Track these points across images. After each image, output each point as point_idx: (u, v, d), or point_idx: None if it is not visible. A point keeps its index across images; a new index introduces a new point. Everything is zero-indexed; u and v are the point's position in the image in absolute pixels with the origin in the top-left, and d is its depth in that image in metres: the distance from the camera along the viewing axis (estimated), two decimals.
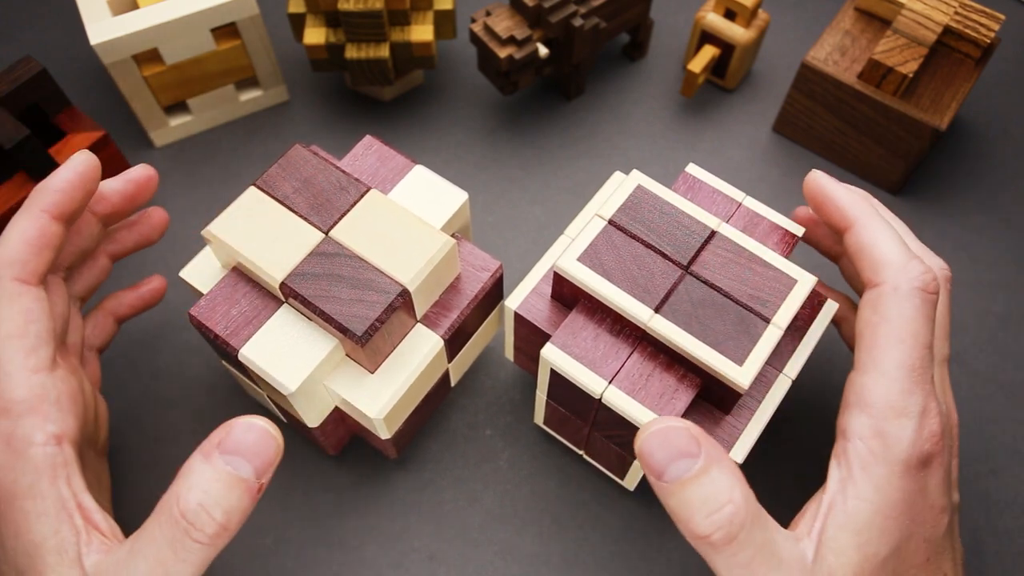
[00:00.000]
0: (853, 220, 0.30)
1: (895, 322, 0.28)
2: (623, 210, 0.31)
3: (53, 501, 0.26)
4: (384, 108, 0.50)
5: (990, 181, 0.48)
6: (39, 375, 0.28)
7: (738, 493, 0.25)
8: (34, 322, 0.29)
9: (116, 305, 0.37)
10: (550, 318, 0.33)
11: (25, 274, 0.29)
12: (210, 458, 0.25)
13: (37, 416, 0.27)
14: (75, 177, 0.30)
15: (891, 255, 0.29)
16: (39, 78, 0.40)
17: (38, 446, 0.27)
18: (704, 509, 0.24)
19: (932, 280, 0.28)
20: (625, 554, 0.37)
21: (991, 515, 0.38)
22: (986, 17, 0.44)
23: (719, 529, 0.24)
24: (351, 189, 0.32)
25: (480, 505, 0.38)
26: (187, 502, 0.25)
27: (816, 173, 0.32)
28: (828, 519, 0.26)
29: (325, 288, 0.30)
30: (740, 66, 0.49)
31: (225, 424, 0.26)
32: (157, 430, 0.40)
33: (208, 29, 0.43)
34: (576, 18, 0.44)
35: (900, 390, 0.27)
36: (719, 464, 0.25)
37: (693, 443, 0.25)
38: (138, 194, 0.34)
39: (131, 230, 0.36)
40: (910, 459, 0.26)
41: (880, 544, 0.26)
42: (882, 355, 0.27)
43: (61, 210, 0.30)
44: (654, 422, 0.26)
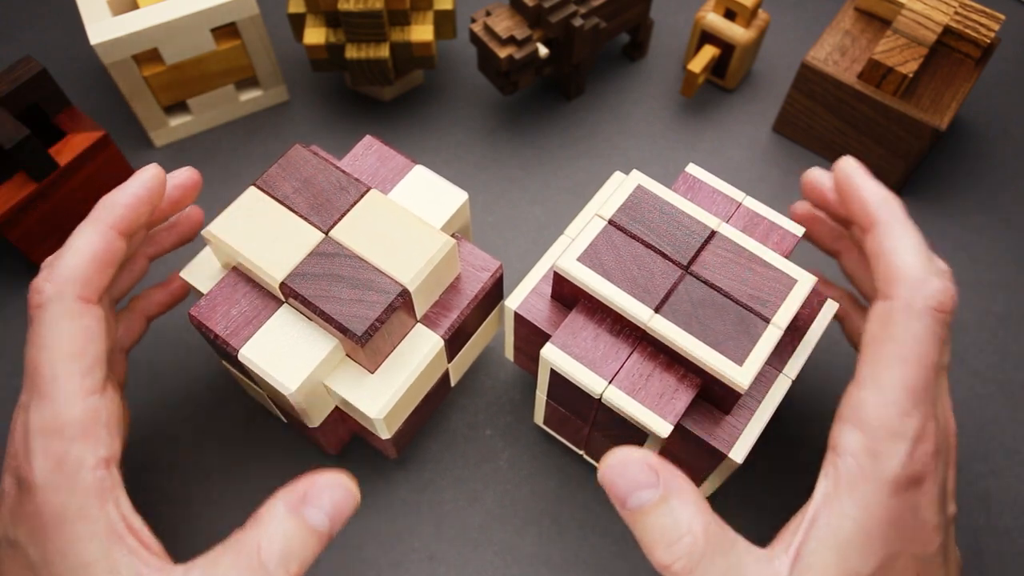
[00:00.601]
0: (877, 220, 0.29)
1: (901, 340, 0.26)
2: (623, 210, 0.31)
3: (104, 524, 0.26)
4: (384, 108, 0.50)
5: (990, 181, 0.48)
6: (93, 397, 0.27)
7: (697, 524, 0.25)
8: (92, 342, 0.28)
9: (147, 305, 0.36)
10: (550, 318, 0.33)
11: (88, 292, 0.28)
12: (295, 511, 0.26)
13: (89, 440, 0.27)
14: (145, 193, 0.30)
15: (909, 268, 0.27)
16: (39, 78, 0.40)
17: (88, 470, 0.27)
18: (663, 539, 0.25)
19: (949, 299, 0.27)
20: (625, 554, 0.37)
21: (991, 515, 0.38)
22: (986, 17, 0.44)
23: (678, 560, 0.25)
24: (351, 189, 0.32)
25: (480, 505, 0.38)
26: (271, 553, 0.25)
27: (848, 161, 0.30)
28: (809, 534, 0.26)
29: (325, 288, 0.30)
30: (740, 66, 0.49)
31: (311, 476, 0.27)
32: (157, 430, 0.40)
33: (208, 29, 0.43)
34: (576, 18, 0.44)
35: (898, 411, 0.26)
36: (678, 494, 0.25)
37: (651, 474, 0.25)
38: (184, 199, 0.33)
39: (171, 231, 0.35)
40: (899, 479, 0.26)
41: (862, 562, 0.25)
42: (884, 373, 0.26)
43: (128, 226, 0.30)
44: (612, 453, 0.26)
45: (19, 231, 0.41)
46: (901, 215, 0.29)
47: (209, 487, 0.38)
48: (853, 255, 0.35)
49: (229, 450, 0.39)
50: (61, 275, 0.28)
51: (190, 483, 0.39)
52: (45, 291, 0.28)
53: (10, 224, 0.40)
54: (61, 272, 0.28)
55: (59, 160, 0.41)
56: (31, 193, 0.40)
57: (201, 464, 0.39)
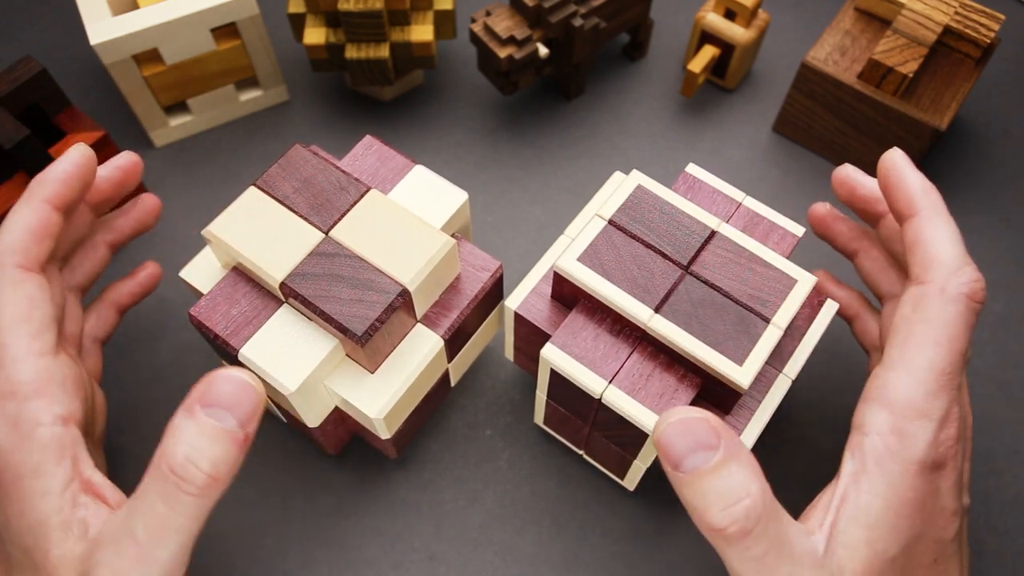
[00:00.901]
0: (919, 210, 0.29)
1: (935, 323, 0.27)
2: (623, 210, 0.31)
3: (59, 479, 0.27)
4: (384, 108, 0.50)
5: (990, 181, 0.48)
6: (44, 358, 0.28)
7: (755, 487, 0.24)
8: (37, 307, 0.29)
9: (116, 295, 0.37)
10: (550, 318, 0.33)
11: (28, 261, 0.30)
12: (192, 413, 0.25)
13: (43, 398, 0.28)
14: (74, 169, 0.31)
15: (947, 255, 0.28)
16: (39, 78, 0.40)
17: (45, 426, 0.27)
18: (721, 502, 0.24)
19: (981, 289, 0.28)
20: (625, 554, 0.37)
21: (991, 515, 0.38)
22: (986, 17, 0.44)
23: (735, 522, 0.24)
24: (351, 189, 0.32)
25: (480, 505, 0.38)
26: (174, 456, 0.25)
27: (896, 152, 0.31)
28: (840, 512, 0.26)
29: (325, 288, 0.30)
30: (740, 66, 0.49)
31: (204, 378, 0.26)
32: (157, 430, 0.40)
33: (208, 29, 0.43)
34: (576, 18, 0.44)
35: (926, 392, 0.26)
36: (738, 457, 0.25)
37: (713, 435, 0.25)
38: (125, 180, 0.35)
39: (127, 217, 0.36)
40: (924, 460, 0.26)
41: (890, 541, 0.26)
42: (914, 354, 0.27)
43: (62, 200, 0.31)
44: (674, 411, 0.25)
45: None
46: (942, 207, 0.29)
47: None
48: (872, 255, 0.35)
49: None
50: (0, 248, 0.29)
51: None
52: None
53: None
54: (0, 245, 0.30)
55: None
56: None
57: None
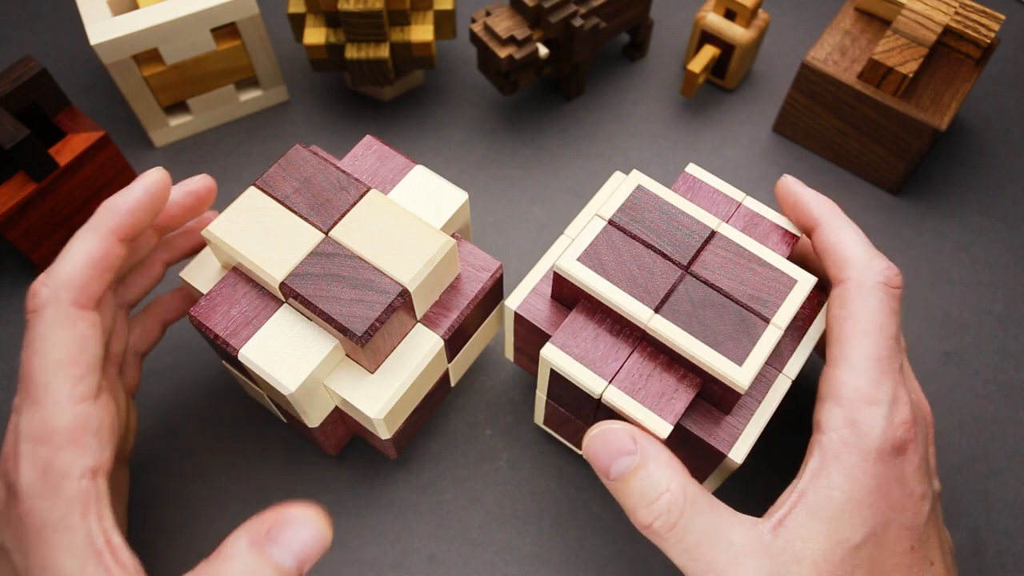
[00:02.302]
0: (819, 220, 0.32)
1: (861, 315, 0.29)
2: (623, 210, 0.31)
3: (83, 537, 0.26)
4: (384, 108, 0.50)
5: (990, 181, 0.48)
6: (84, 404, 0.27)
7: (675, 483, 0.26)
8: (87, 350, 0.28)
9: (163, 311, 0.36)
10: (550, 318, 0.33)
11: (84, 298, 0.28)
12: (258, 547, 0.25)
13: (76, 448, 0.27)
14: (147, 199, 0.30)
15: (855, 252, 0.30)
16: (39, 78, 0.40)
17: (73, 480, 0.26)
18: (644, 500, 0.27)
19: (895, 275, 0.30)
20: (625, 554, 0.37)
21: (991, 515, 0.38)
22: (986, 17, 0.44)
23: (658, 517, 0.26)
24: (351, 189, 0.32)
25: (480, 505, 0.38)
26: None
27: (787, 177, 0.34)
28: (796, 506, 0.27)
29: (325, 288, 0.30)
30: (740, 66, 0.49)
31: (279, 510, 0.25)
32: (157, 430, 0.40)
33: (208, 29, 0.43)
34: (576, 18, 0.44)
35: (869, 380, 0.28)
36: (656, 458, 0.27)
37: (629, 441, 0.27)
38: (198, 206, 0.33)
39: (187, 237, 0.35)
40: (883, 446, 0.27)
41: (852, 530, 0.26)
42: (851, 348, 0.28)
43: (130, 232, 0.29)
44: (594, 427, 0.28)
45: (19, 231, 0.41)
46: (839, 212, 0.32)
47: (209, 487, 0.38)
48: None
49: (229, 450, 0.39)
50: (57, 280, 0.28)
51: (190, 483, 0.39)
52: (41, 295, 0.28)
53: (10, 224, 0.40)
54: (57, 277, 0.28)
55: (59, 160, 0.41)
56: (31, 193, 0.40)
57: (201, 464, 0.39)
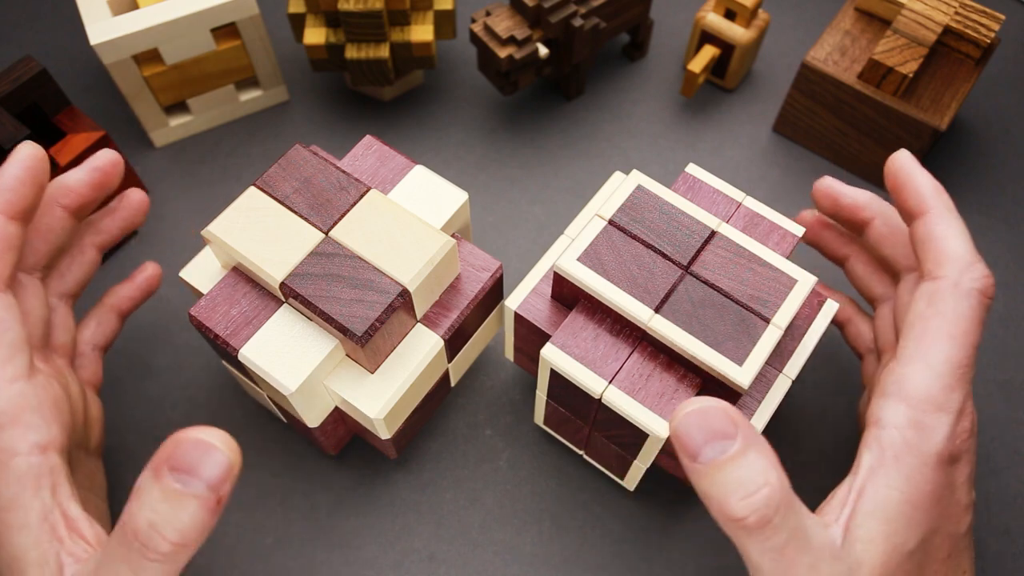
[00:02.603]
0: (929, 208, 0.30)
1: (949, 317, 0.28)
2: (623, 210, 0.31)
3: (36, 512, 0.26)
4: (384, 108, 0.50)
5: (990, 181, 0.48)
6: (17, 384, 0.27)
7: (774, 476, 0.24)
8: (7, 330, 0.27)
9: (117, 300, 0.37)
10: (550, 318, 0.33)
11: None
12: (159, 476, 0.23)
13: (18, 427, 0.26)
14: (22, 172, 0.29)
15: (958, 251, 0.29)
16: (39, 78, 0.40)
17: (21, 456, 0.26)
18: (740, 491, 0.24)
19: (992, 285, 0.28)
20: (625, 554, 0.37)
21: (991, 515, 0.38)
22: (986, 17, 0.44)
23: (755, 512, 0.23)
24: (351, 189, 0.32)
25: (480, 505, 0.38)
26: (137, 522, 0.23)
27: (904, 154, 0.32)
28: (858, 505, 0.26)
29: (325, 288, 0.30)
30: (740, 66, 0.49)
31: (173, 438, 0.24)
32: (157, 430, 0.40)
33: (208, 29, 0.43)
34: (576, 18, 0.44)
35: (943, 385, 0.27)
36: (757, 446, 0.24)
37: (730, 424, 0.24)
38: (105, 181, 0.33)
39: (113, 217, 0.35)
40: (942, 454, 0.26)
41: (908, 535, 0.26)
42: (931, 348, 0.27)
43: (15, 208, 0.29)
44: (691, 402, 0.25)
45: None
46: (951, 205, 0.30)
47: None
48: (861, 259, 0.36)
49: None
50: None
51: None
52: None
53: None
54: None
55: (59, 160, 0.41)
56: None
57: None
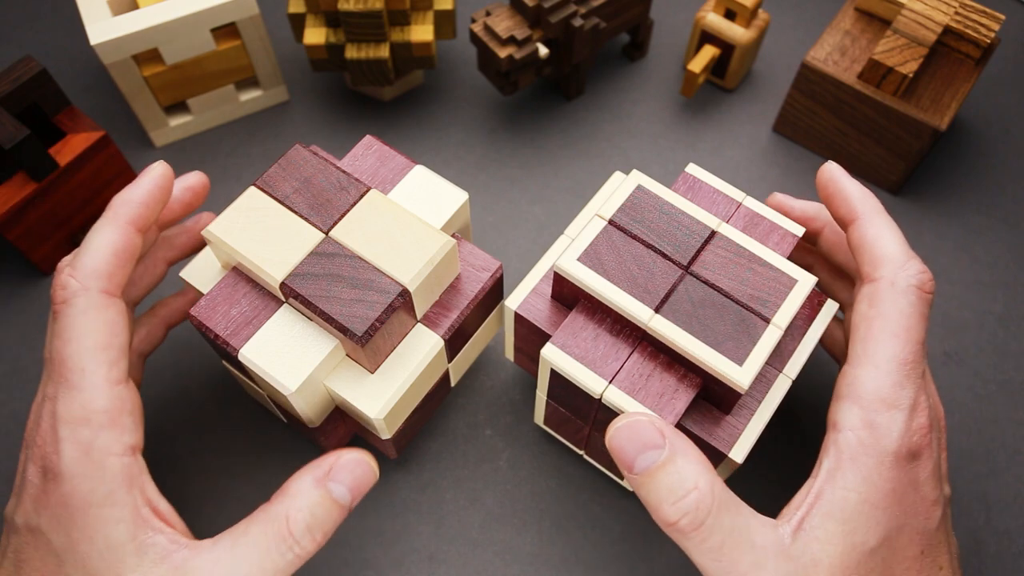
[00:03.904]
0: (860, 214, 0.31)
1: (890, 317, 0.28)
2: (623, 210, 0.31)
3: (131, 508, 0.27)
4: (384, 108, 0.50)
5: (990, 181, 0.48)
6: (119, 387, 0.28)
7: (704, 480, 0.25)
8: (117, 335, 0.29)
9: (167, 312, 0.37)
10: (550, 318, 0.33)
11: (112, 286, 0.29)
12: (321, 484, 0.28)
13: (116, 428, 0.28)
14: (156, 190, 0.31)
15: (892, 251, 0.30)
16: (39, 78, 0.40)
17: (116, 456, 0.27)
18: (670, 496, 0.25)
19: (929, 280, 0.29)
20: (625, 554, 0.37)
21: (991, 515, 0.38)
22: (986, 17, 0.44)
23: (685, 515, 0.25)
24: (351, 189, 0.32)
25: (480, 505, 0.38)
26: (297, 523, 0.27)
27: (831, 164, 0.33)
28: (813, 507, 0.27)
29: (325, 288, 0.30)
30: (740, 66, 0.49)
31: (337, 452, 0.28)
32: (157, 430, 0.40)
33: (208, 29, 0.43)
34: (576, 18, 0.44)
35: (892, 383, 0.27)
36: (684, 454, 0.26)
37: (658, 435, 0.26)
38: (194, 201, 0.34)
39: (188, 235, 0.36)
40: (899, 451, 0.27)
41: (868, 533, 0.26)
42: (876, 348, 0.28)
43: (144, 222, 0.31)
44: (621, 417, 0.27)
45: (19, 231, 0.41)
46: (880, 208, 0.31)
47: (209, 487, 0.38)
48: (824, 266, 0.37)
49: (229, 450, 0.39)
50: (85, 270, 0.29)
51: (190, 483, 0.39)
52: (70, 286, 0.29)
53: (10, 224, 0.40)
54: (85, 267, 0.29)
55: (59, 160, 0.41)
56: (31, 193, 0.40)
57: (201, 464, 0.39)
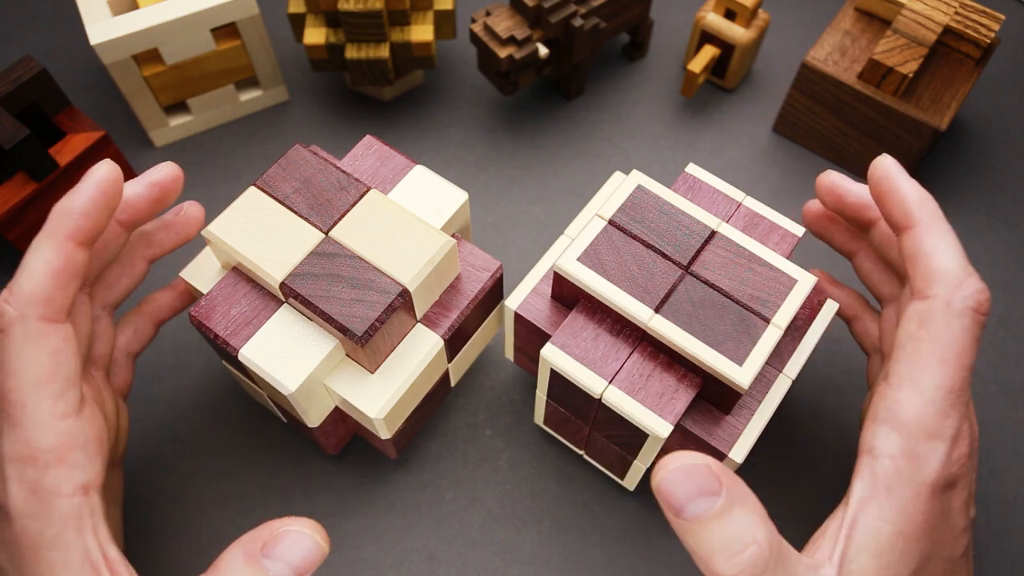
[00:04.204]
0: (917, 221, 0.28)
1: (941, 340, 0.26)
2: (623, 210, 0.31)
3: (79, 553, 0.26)
4: (384, 108, 0.50)
5: (990, 181, 0.48)
6: (67, 420, 0.27)
7: (762, 533, 0.24)
8: (62, 364, 0.27)
9: (155, 309, 0.35)
10: (550, 318, 0.33)
11: (52, 312, 0.27)
12: (253, 560, 0.25)
13: (64, 466, 0.26)
14: (98, 196, 0.28)
15: (949, 267, 0.27)
16: (39, 78, 0.40)
17: (65, 497, 0.26)
18: (726, 550, 0.23)
19: (986, 300, 0.27)
20: (625, 554, 0.37)
21: (991, 515, 0.38)
22: (986, 17, 0.44)
23: (742, 572, 0.23)
24: (351, 189, 0.32)
25: (480, 505, 0.38)
26: None
27: (886, 158, 0.30)
28: (850, 541, 0.25)
29: (325, 288, 0.30)
30: (740, 66, 0.49)
31: (269, 525, 0.26)
32: (156, 430, 0.40)
33: (208, 29, 0.43)
34: (576, 18, 0.44)
35: (936, 412, 0.26)
36: (743, 502, 0.24)
37: (715, 480, 0.24)
38: (164, 197, 0.32)
39: (169, 231, 0.33)
40: (937, 482, 0.25)
41: (901, 566, 0.25)
42: (923, 373, 0.26)
43: (87, 235, 0.28)
44: (674, 457, 0.24)
45: (19, 231, 0.41)
46: (940, 216, 0.28)
47: (209, 487, 0.38)
48: (869, 256, 0.34)
49: (229, 450, 0.39)
50: (22, 296, 0.26)
51: (190, 483, 0.39)
52: (6, 315, 0.26)
53: (10, 224, 0.40)
54: (22, 292, 0.27)
55: (59, 160, 0.41)
56: (31, 193, 0.40)
57: (201, 464, 0.39)
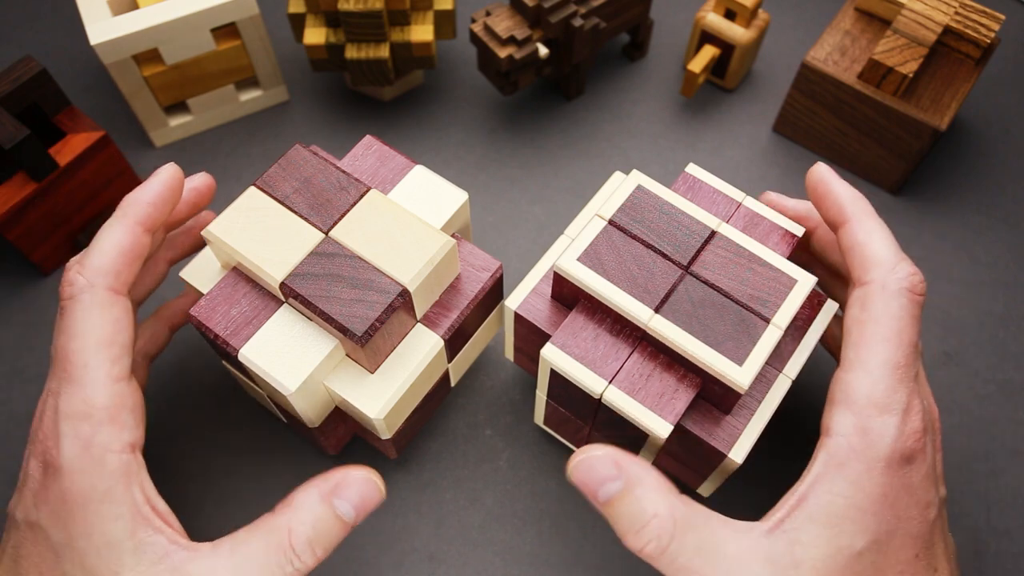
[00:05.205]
0: (849, 216, 0.31)
1: (882, 320, 0.28)
2: (623, 210, 0.31)
3: (129, 506, 0.27)
4: (384, 108, 0.50)
5: (990, 181, 0.48)
6: (120, 384, 0.29)
7: (662, 507, 0.26)
8: (121, 332, 0.29)
9: (171, 314, 0.37)
10: (550, 318, 0.33)
11: (118, 284, 0.30)
12: (327, 499, 0.28)
13: (116, 424, 0.28)
14: (165, 191, 0.31)
15: (882, 254, 0.29)
16: (39, 78, 0.40)
17: (115, 453, 0.28)
18: (632, 526, 0.26)
19: (920, 282, 0.29)
20: (625, 554, 0.37)
21: (991, 515, 0.38)
22: (986, 17, 0.44)
23: (648, 543, 0.26)
24: (351, 189, 0.32)
25: (480, 505, 0.38)
26: (299, 536, 0.27)
27: (820, 166, 0.33)
28: (795, 510, 0.27)
29: (325, 288, 0.30)
30: (740, 66, 0.49)
31: (344, 469, 0.28)
32: (157, 430, 0.40)
33: (208, 29, 0.43)
34: (576, 18, 0.44)
35: (884, 387, 0.27)
36: (640, 482, 0.27)
37: (612, 467, 0.27)
38: (200, 202, 0.34)
39: (188, 235, 0.36)
40: (892, 455, 0.27)
41: (855, 536, 0.26)
42: (868, 353, 0.28)
43: (152, 223, 0.31)
44: (577, 453, 0.28)
45: (19, 231, 0.41)
46: (870, 210, 0.31)
47: (209, 487, 0.38)
48: (820, 267, 0.36)
49: (229, 450, 0.39)
50: (92, 267, 0.29)
51: (190, 482, 0.39)
52: (77, 283, 0.29)
53: (10, 224, 0.40)
54: (92, 265, 0.29)
55: (59, 160, 0.41)
56: (31, 193, 0.40)
57: (201, 464, 0.39)
